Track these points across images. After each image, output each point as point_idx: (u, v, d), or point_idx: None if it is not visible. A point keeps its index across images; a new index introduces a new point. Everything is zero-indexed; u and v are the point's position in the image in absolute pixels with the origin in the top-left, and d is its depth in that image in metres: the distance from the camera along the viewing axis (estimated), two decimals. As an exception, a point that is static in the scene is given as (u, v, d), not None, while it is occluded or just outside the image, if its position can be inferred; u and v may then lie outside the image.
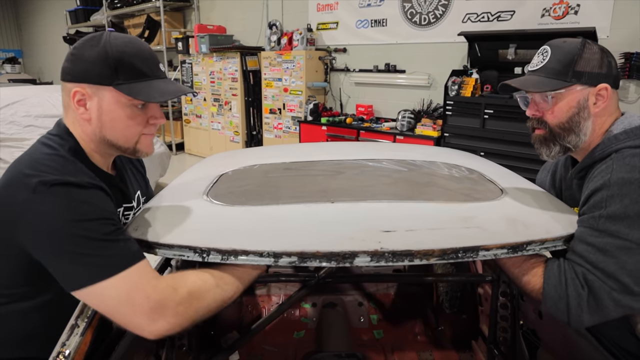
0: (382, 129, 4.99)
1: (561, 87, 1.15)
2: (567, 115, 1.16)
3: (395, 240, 0.96)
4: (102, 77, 1.05)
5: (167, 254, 1.03)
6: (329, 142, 2.08)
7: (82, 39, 1.09)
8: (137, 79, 1.08)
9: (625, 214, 0.98)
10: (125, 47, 1.07)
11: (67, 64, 1.08)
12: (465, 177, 1.37)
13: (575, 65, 1.14)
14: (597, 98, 1.15)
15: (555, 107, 1.17)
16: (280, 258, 0.96)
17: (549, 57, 1.18)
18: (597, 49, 1.16)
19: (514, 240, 0.99)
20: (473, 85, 4.26)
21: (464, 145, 4.30)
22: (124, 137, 1.12)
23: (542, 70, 1.18)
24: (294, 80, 5.91)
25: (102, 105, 1.08)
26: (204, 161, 1.81)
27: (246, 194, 1.24)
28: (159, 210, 1.17)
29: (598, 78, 1.14)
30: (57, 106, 4.98)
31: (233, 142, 7.01)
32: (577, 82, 1.14)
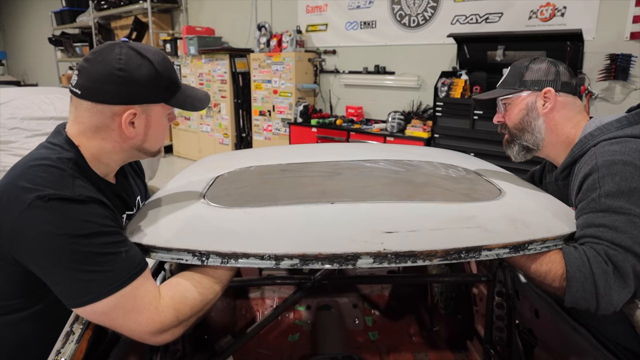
0: (372, 130, 5.00)
1: (509, 93, 1.36)
2: (518, 116, 1.35)
3: (397, 241, 0.95)
4: (155, 96, 1.06)
5: (164, 258, 1.01)
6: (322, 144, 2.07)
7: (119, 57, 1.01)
8: (177, 91, 1.11)
9: (620, 190, 1.05)
10: (165, 60, 1.08)
11: (115, 86, 1.01)
12: (463, 177, 1.37)
13: (523, 75, 1.34)
14: (545, 100, 1.31)
15: (508, 111, 1.38)
16: (281, 261, 0.94)
17: (507, 73, 1.41)
18: (546, 61, 1.34)
19: (516, 240, 0.99)
20: (462, 86, 4.29)
21: (454, 146, 4.32)
22: (159, 144, 1.15)
23: (500, 84, 1.43)
24: (283, 82, 5.89)
25: (151, 121, 1.08)
26: (197, 163, 1.79)
27: (244, 196, 1.22)
28: (155, 213, 1.15)
29: (543, 84, 1.32)
30: (42, 108, 4.90)
31: (222, 144, 6.97)
32: (524, 88, 1.34)
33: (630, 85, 3.65)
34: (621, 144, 1.12)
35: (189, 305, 0.99)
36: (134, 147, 1.10)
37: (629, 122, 1.19)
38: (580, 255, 1.02)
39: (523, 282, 1.57)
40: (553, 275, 1.04)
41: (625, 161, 1.08)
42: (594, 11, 3.75)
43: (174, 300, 0.98)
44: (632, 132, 1.16)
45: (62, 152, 1.03)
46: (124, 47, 1.03)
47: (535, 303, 1.51)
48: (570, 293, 1.02)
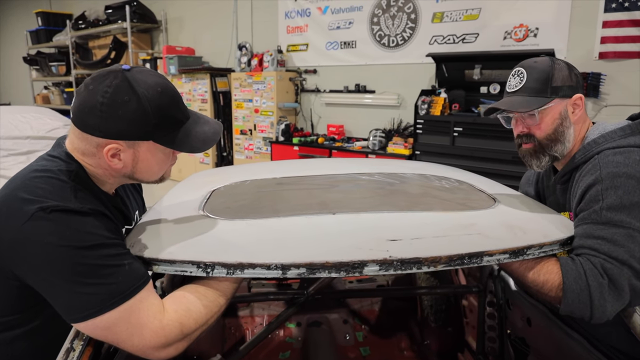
0: (354, 148, 5.06)
1: (545, 104, 1.25)
2: (552, 127, 1.27)
3: (402, 248, 0.97)
4: (141, 134, 0.99)
5: (167, 270, 1.00)
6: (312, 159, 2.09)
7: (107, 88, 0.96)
8: (175, 128, 1.03)
9: (622, 204, 1.07)
10: (161, 97, 0.99)
11: (96, 120, 0.96)
12: (457, 187, 1.40)
13: (552, 81, 1.25)
14: (575, 107, 1.27)
15: (542, 122, 1.27)
16: (288, 270, 0.95)
17: (526, 77, 1.28)
18: (563, 64, 1.29)
19: (515, 245, 1.02)
20: (442, 104, 4.39)
21: (435, 162, 4.37)
22: (155, 176, 1.10)
23: (523, 90, 1.28)
24: (264, 101, 5.92)
25: (138, 156, 1.03)
26: (189, 179, 1.78)
27: (244, 208, 1.22)
28: (154, 226, 1.14)
29: (571, 89, 1.26)
30: (19, 127, 4.79)
31: (203, 163, 6.92)
32: (556, 96, 1.25)
33: (601, 102, 3.81)
34: (625, 155, 1.13)
35: (194, 319, 0.98)
36: (125, 176, 1.07)
37: (632, 130, 1.20)
38: (577, 268, 1.05)
39: (514, 290, 1.60)
40: (550, 286, 1.07)
41: (629, 174, 1.09)
42: (564, 32, 3.93)
43: (179, 313, 0.96)
44: (635, 141, 1.17)
45: (62, 164, 1.02)
46: (117, 78, 0.97)
47: (527, 311, 1.53)
48: (566, 303, 1.06)
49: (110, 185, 1.11)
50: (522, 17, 4.12)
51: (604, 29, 3.71)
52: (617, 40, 3.65)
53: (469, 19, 4.44)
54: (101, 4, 7.88)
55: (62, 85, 9.07)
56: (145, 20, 7.42)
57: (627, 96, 3.71)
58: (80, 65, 8.22)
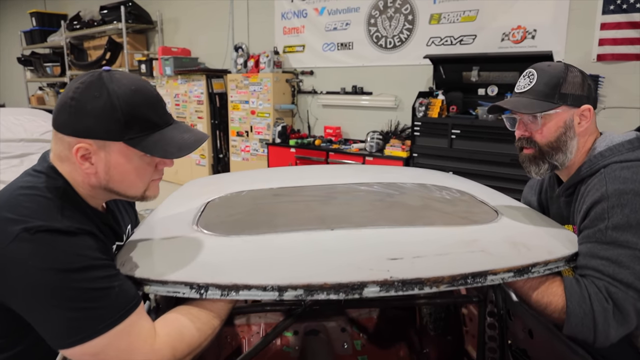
0: (351, 150, 5.02)
1: (550, 109, 1.21)
2: (555, 134, 1.23)
3: (403, 268, 0.94)
4: (111, 132, 0.94)
5: (159, 291, 0.96)
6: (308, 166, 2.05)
7: (80, 84, 0.94)
8: (149, 132, 0.97)
9: (628, 223, 1.03)
10: (134, 96, 0.95)
11: (65, 116, 0.94)
12: (458, 199, 1.37)
13: (561, 88, 1.21)
14: (581, 118, 1.23)
15: (544, 127, 1.24)
16: (285, 292, 0.91)
17: (536, 80, 1.24)
18: (578, 72, 1.24)
19: (519, 263, 0.99)
20: (439, 106, 4.36)
21: (432, 164, 4.38)
22: (134, 188, 1.03)
23: (530, 92, 1.24)
24: (261, 103, 5.88)
25: (110, 160, 0.97)
26: (182, 188, 1.74)
27: (239, 223, 1.18)
28: (146, 243, 1.10)
29: (581, 99, 1.22)
30: (12, 130, 4.73)
31: (199, 165, 6.87)
32: (563, 103, 1.21)
33: (599, 105, 3.79)
34: (632, 170, 1.10)
35: (186, 343, 0.94)
36: (101, 187, 1.01)
37: None
38: (581, 291, 1.02)
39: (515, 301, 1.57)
40: (554, 308, 1.05)
41: (637, 191, 1.05)
42: (562, 34, 3.90)
43: (171, 337, 0.93)
44: None
45: (48, 180, 0.97)
46: (93, 76, 0.95)
47: (529, 323, 1.50)
48: (569, 326, 1.03)
49: (98, 200, 1.06)
50: (520, 18, 4.10)
51: (602, 31, 3.69)
52: (616, 42, 3.63)
53: (466, 20, 4.41)
54: (96, 5, 7.81)
55: (56, 86, 9.00)
56: (141, 21, 7.36)
57: (625, 99, 3.69)
58: (75, 66, 8.15)
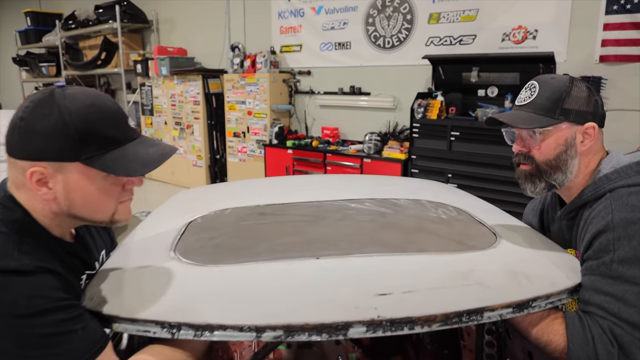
0: (349, 151, 4.94)
1: (549, 125, 1.13)
2: (554, 152, 1.14)
3: (392, 305, 0.86)
4: (65, 152, 0.86)
5: (129, 330, 0.89)
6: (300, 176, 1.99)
7: (30, 103, 0.86)
8: (108, 149, 0.90)
9: (635, 257, 0.94)
10: (88, 111, 0.87)
11: (16, 138, 0.86)
12: (454, 219, 1.29)
13: (564, 102, 1.13)
14: (584, 136, 1.14)
15: (543, 143, 1.15)
16: (263, 332, 0.84)
17: (537, 92, 1.16)
18: (584, 87, 1.15)
19: (519, 298, 0.91)
20: (438, 107, 4.28)
21: (431, 167, 4.30)
22: (100, 213, 0.94)
23: (530, 106, 1.17)
24: (257, 103, 5.80)
25: (69, 183, 0.89)
26: (168, 203, 1.67)
27: (219, 249, 1.11)
28: (117, 273, 1.03)
29: (585, 116, 1.13)
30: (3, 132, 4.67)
31: (196, 166, 6.80)
32: (565, 119, 1.13)
33: (602, 107, 3.70)
34: None
35: None
36: (64, 214, 0.92)
37: None
38: (584, 332, 0.94)
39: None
40: (554, 347, 0.97)
41: None
42: (564, 34, 3.81)
43: None
44: None
45: (4, 211, 0.89)
46: (44, 93, 0.88)
47: (528, 345, 1.44)
48: None
49: (63, 228, 0.98)
50: (520, 18, 4.00)
51: (605, 32, 3.60)
52: (619, 43, 3.54)
53: (466, 20, 4.32)
54: (91, 4, 7.72)
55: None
56: (136, 20, 7.27)
57: (628, 101, 3.60)
58: (71, 66, 8.06)
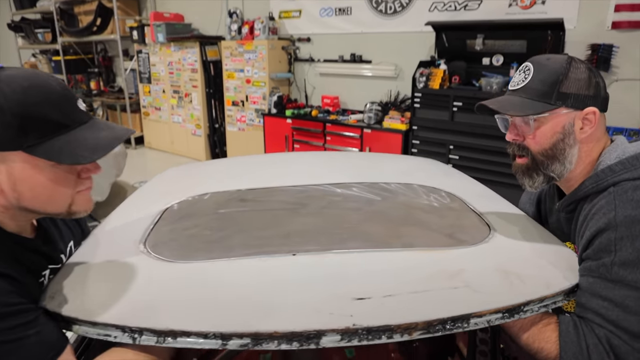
0: (349, 121, 4.82)
1: (545, 111, 1.02)
2: (550, 141, 1.04)
3: (370, 311, 0.79)
4: (5, 141, 0.79)
5: (89, 333, 0.83)
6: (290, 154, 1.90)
7: None
8: (53, 134, 0.82)
9: (639, 259, 0.85)
10: (27, 94, 0.79)
11: None
12: (447, 207, 1.21)
13: (561, 85, 1.02)
14: (584, 123, 1.03)
15: (538, 131, 1.05)
16: (229, 340, 0.78)
17: (532, 75, 1.05)
18: (584, 67, 1.03)
19: (510, 303, 0.84)
20: (441, 77, 4.13)
21: (432, 138, 4.20)
22: (53, 204, 0.87)
23: (524, 90, 1.06)
24: (256, 71, 5.64)
25: (14, 174, 0.81)
26: (151, 182, 1.59)
27: (192, 241, 1.04)
28: (82, 269, 0.96)
29: (585, 100, 1.02)
30: None
31: (195, 135, 6.70)
32: (562, 104, 1.02)
33: (612, 77, 3.55)
34: None
35: None
36: (14, 207, 0.85)
37: None
38: (579, 340, 0.86)
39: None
40: (545, 355, 0.90)
41: None
42: (574, 0, 3.62)
43: None
44: None
45: None
46: None
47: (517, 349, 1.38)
48: None
49: (19, 222, 0.91)
50: (529, -18, 3.80)
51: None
52: (633, 8, 3.35)
53: (472, -17, 4.11)
54: (85, -34, 7.45)
55: (49, 53, 8.72)
56: (131, -16, 7.02)
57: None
58: (67, 33, 7.85)
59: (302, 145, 5.21)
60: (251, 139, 5.99)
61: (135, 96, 7.55)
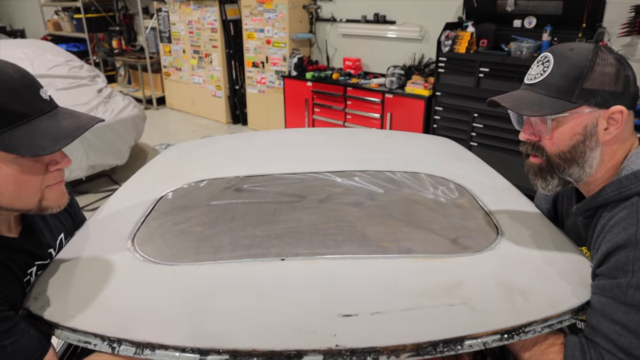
0: (370, 85, 4.66)
1: (564, 110, 0.91)
2: (569, 143, 0.93)
3: (355, 331, 0.74)
4: None
5: (70, 339, 0.81)
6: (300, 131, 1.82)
7: None
8: (12, 125, 0.77)
9: None
10: None
11: None
12: (454, 203, 1.12)
13: (584, 81, 0.89)
14: (609, 123, 0.91)
15: (555, 132, 0.94)
16: (207, 355, 0.75)
17: (551, 68, 0.93)
18: (612, 59, 0.90)
19: (510, 324, 0.77)
20: (468, 40, 3.90)
21: (456, 105, 4.02)
22: (20, 200, 0.83)
23: (541, 85, 0.94)
24: (276, 32, 5.47)
25: None
26: (153, 162, 1.56)
27: (180, 240, 1.00)
28: (67, 269, 0.94)
29: (612, 98, 0.89)
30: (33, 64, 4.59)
31: (215, 96, 6.65)
32: (585, 102, 0.90)
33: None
34: None
35: None
36: None
37: None
38: None
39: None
40: None
41: None
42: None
43: None
44: None
45: None
46: None
47: None
48: None
49: None
50: None
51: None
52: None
53: (506, -64, 3.79)
54: None
55: (71, 11, 8.67)
56: (150, -62, 6.80)
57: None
58: (87, -11, 7.77)
59: (322, 110, 5.10)
60: (271, 101, 5.90)
61: (156, 56, 7.48)
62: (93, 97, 4.45)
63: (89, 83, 4.68)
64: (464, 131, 4.04)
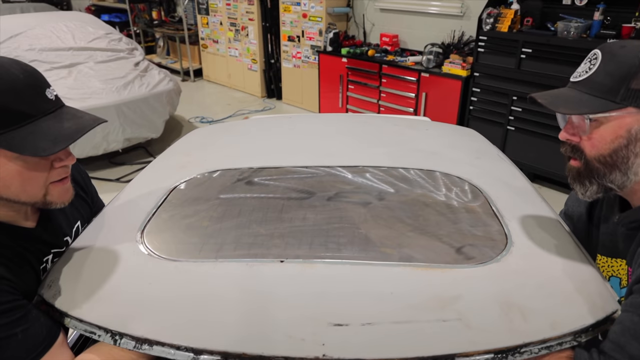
0: (407, 63, 4.54)
1: (605, 110, 0.85)
2: (610, 146, 0.87)
3: (344, 342, 0.75)
4: None
5: (78, 328, 0.86)
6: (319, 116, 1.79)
7: None
8: (16, 125, 0.79)
9: None
10: None
11: None
12: (466, 207, 1.09)
13: (631, 81, 0.83)
14: None
15: (595, 133, 0.88)
16: (200, 355, 0.77)
17: (597, 66, 0.88)
18: None
19: (504, 344, 0.75)
20: (512, 18, 3.71)
21: (495, 87, 3.87)
22: (25, 194, 0.86)
23: (586, 83, 0.89)
24: (313, 5, 5.38)
25: None
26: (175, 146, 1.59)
27: (186, 235, 1.02)
28: (79, 259, 0.98)
29: None
30: (61, 38, 4.72)
31: (251, 70, 6.67)
32: (630, 104, 0.84)
33: None
34: None
35: None
36: None
37: None
38: None
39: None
40: None
41: None
42: None
43: None
44: None
45: None
46: None
47: None
48: None
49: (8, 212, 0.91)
50: None
51: None
52: None
53: None
54: None
55: (114, -19, 8.81)
56: None
57: None
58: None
59: (356, 87, 5.02)
60: (306, 76, 5.86)
61: (194, 27, 7.53)
62: (130, 70, 4.54)
63: (126, 56, 4.77)
64: (502, 114, 3.90)
